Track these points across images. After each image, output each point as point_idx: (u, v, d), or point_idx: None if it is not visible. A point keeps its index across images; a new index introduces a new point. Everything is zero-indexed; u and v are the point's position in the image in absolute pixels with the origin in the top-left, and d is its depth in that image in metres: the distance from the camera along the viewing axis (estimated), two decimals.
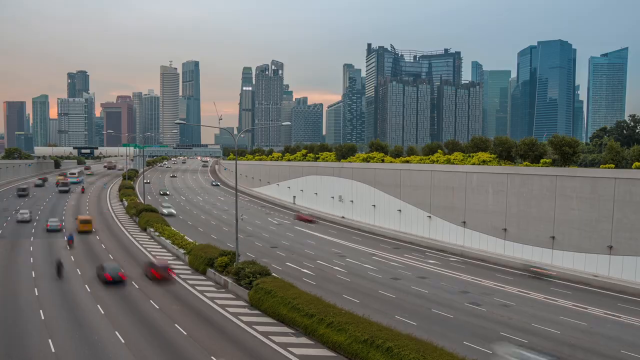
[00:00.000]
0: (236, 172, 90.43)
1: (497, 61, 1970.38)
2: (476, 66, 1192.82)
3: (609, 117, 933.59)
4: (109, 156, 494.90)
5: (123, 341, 58.10)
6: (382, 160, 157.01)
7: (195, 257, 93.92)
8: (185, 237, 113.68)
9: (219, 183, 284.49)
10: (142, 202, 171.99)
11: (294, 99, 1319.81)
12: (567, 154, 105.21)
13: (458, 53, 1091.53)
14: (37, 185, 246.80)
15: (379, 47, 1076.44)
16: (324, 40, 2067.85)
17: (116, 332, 60.58)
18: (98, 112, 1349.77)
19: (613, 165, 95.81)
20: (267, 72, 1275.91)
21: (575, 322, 68.72)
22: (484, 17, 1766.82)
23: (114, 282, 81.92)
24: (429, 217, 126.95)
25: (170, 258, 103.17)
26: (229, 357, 54.60)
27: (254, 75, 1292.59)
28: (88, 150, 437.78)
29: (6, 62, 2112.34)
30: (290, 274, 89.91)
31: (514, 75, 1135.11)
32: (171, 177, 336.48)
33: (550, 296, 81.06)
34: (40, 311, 67.91)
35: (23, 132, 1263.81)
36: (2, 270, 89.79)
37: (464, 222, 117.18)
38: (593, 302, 78.41)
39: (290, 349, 56.60)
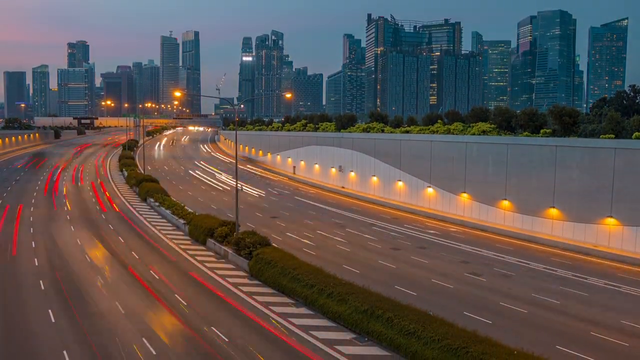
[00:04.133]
0: (236, 143, 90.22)
1: (497, 31, 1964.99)
2: (476, 36, 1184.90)
3: (609, 88, 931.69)
4: (109, 127, 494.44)
5: (123, 311, 58.31)
6: (382, 131, 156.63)
7: (195, 227, 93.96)
8: (185, 207, 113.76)
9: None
10: (142, 172, 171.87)
11: (294, 69, 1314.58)
12: (567, 124, 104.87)
13: (458, 23, 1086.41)
14: None
15: (379, 17, 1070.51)
16: (324, 10, 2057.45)
17: (116, 303, 60.76)
18: (98, 82, 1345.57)
19: (613, 136, 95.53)
20: (267, 42, 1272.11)
21: (575, 292, 68.82)
22: None
23: None
24: (429, 187, 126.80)
25: (170, 228, 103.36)
26: (229, 326, 54.80)
27: (254, 46, 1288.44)
28: (88, 121, 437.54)
29: (6, 32, 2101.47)
30: (290, 244, 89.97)
31: (514, 45, 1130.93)
32: (171, 145, 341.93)
33: (550, 266, 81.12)
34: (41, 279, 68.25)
35: (23, 102, 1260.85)
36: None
37: (464, 192, 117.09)
38: (593, 272, 78.49)
39: (290, 319, 56.83)
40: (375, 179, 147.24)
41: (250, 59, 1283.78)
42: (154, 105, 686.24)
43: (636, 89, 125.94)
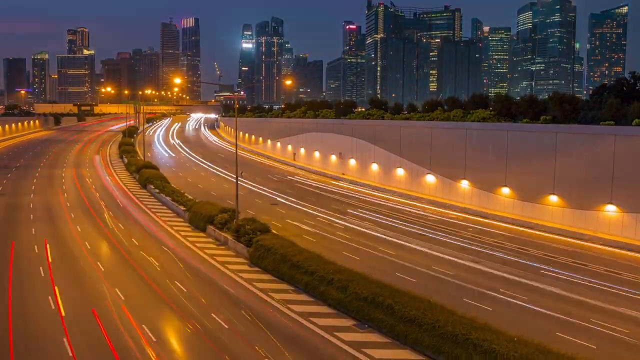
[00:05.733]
0: (236, 130, 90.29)
1: (496, 18, 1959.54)
2: (476, 23, 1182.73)
3: (609, 74, 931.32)
4: (109, 113, 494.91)
5: (123, 298, 58.43)
6: (382, 117, 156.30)
7: (195, 214, 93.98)
8: (186, 194, 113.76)
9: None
10: (142, 158, 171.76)
11: (294, 56, 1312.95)
12: (567, 111, 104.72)
13: (458, 10, 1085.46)
14: None
15: (379, 3, 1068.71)
16: None
17: (116, 289, 60.85)
18: (98, 69, 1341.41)
19: (613, 122, 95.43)
20: (267, 29, 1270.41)
21: (575, 279, 68.80)
22: None
23: None
24: (429, 174, 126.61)
25: (170, 215, 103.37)
26: (229, 313, 54.91)
27: (254, 33, 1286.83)
28: (88, 107, 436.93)
29: (6, 20, 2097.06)
30: (290, 231, 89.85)
31: (514, 31, 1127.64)
32: (172, 131, 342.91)
33: (549, 253, 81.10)
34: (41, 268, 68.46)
35: (23, 89, 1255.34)
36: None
37: (464, 179, 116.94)
38: (593, 259, 78.40)
39: (290, 305, 56.97)
40: (375, 165, 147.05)
41: (250, 45, 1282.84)
42: (154, 92, 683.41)
43: (636, 75, 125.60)
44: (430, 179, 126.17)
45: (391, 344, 48.76)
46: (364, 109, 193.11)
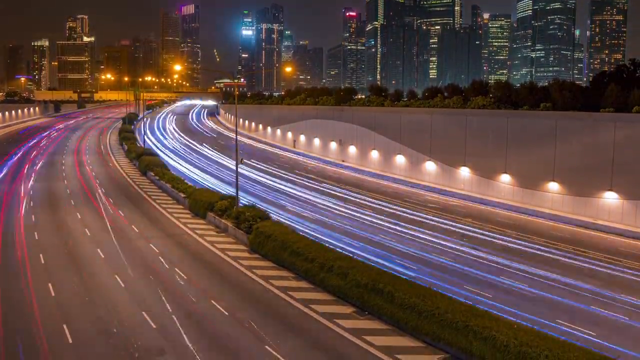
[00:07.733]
0: (236, 117, 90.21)
1: (497, 5, 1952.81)
2: (476, 10, 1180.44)
3: (609, 61, 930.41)
4: (109, 100, 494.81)
5: (123, 285, 58.40)
6: (382, 104, 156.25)
7: (195, 201, 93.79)
8: (185, 180, 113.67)
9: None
10: (142, 145, 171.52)
11: (294, 43, 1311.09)
12: (567, 98, 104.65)
13: None
14: None
15: None
16: None
17: (116, 276, 60.78)
18: (98, 56, 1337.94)
19: (613, 109, 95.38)
20: (267, 16, 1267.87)
21: (575, 266, 68.90)
22: None
23: None
24: (429, 160, 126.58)
25: (170, 202, 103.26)
26: (229, 300, 54.86)
27: (254, 20, 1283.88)
28: (88, 94, 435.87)
29: (6, 8, 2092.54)
30: (290, 218, 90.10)
31: (513, 18, 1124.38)
32: (171, 119, 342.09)
33: (549, 240, 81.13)
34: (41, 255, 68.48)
35: (23, 76, 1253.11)
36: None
37: (464, 166, 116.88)
38: (593, 246, 78.51)
39: (290, 292, 56.86)
40: (375, 152, 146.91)
41: (250, 32, 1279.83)
42: (154, 79, 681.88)
43: (636, 62, 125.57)
44: (430, 166, 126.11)
45: (391, 330, 48.73)
46: (364, 96, 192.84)
